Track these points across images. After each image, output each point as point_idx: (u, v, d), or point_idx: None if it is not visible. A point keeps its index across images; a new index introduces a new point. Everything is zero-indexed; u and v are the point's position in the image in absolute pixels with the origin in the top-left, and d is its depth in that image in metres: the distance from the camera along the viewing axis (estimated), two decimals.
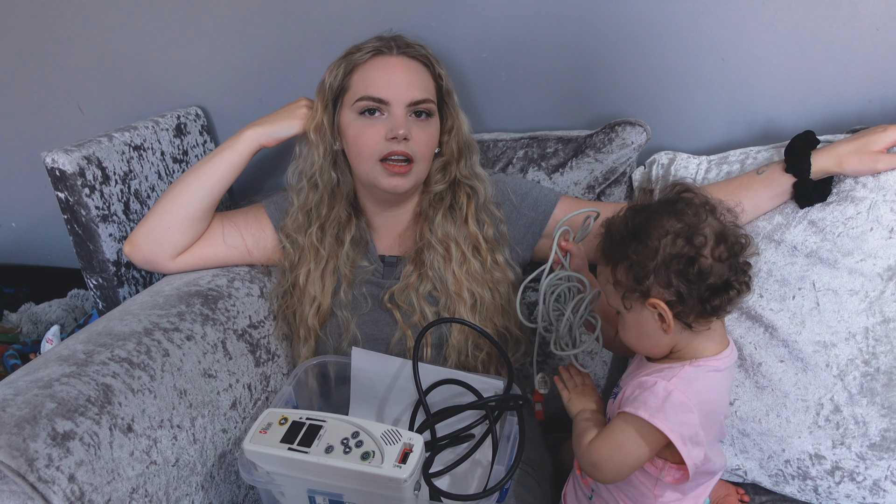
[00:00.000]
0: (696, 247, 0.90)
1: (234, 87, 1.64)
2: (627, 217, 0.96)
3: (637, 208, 0.97)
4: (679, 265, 0.90)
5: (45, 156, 1.29)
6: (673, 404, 0.90)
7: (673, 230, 0.91)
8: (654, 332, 0.95)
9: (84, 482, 0.87)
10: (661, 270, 0.90)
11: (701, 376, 0.94)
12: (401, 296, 1.24)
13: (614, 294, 0.97)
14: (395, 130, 1.15)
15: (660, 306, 0.91)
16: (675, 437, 0.89)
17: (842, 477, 1.14)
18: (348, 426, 0.92)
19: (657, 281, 0.91)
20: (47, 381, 0.94)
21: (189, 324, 1.16)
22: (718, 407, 0.97)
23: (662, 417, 0.90)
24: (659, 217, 0.93)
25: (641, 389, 0.94)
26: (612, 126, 1.36)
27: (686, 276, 0.90)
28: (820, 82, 1.31)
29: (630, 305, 0.94)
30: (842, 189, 1.15)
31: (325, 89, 1.22)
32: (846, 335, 1.12)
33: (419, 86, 1.19)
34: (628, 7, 1.34)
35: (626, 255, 0.93)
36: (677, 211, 0.93)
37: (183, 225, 1.25)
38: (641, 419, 0.91)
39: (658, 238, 0.91)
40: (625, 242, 0.93)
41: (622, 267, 0.94)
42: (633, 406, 0.92)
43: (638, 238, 0.92)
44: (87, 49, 1.70)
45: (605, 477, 0.95)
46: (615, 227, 0.96)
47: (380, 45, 1.21)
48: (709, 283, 0.90)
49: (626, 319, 0.98)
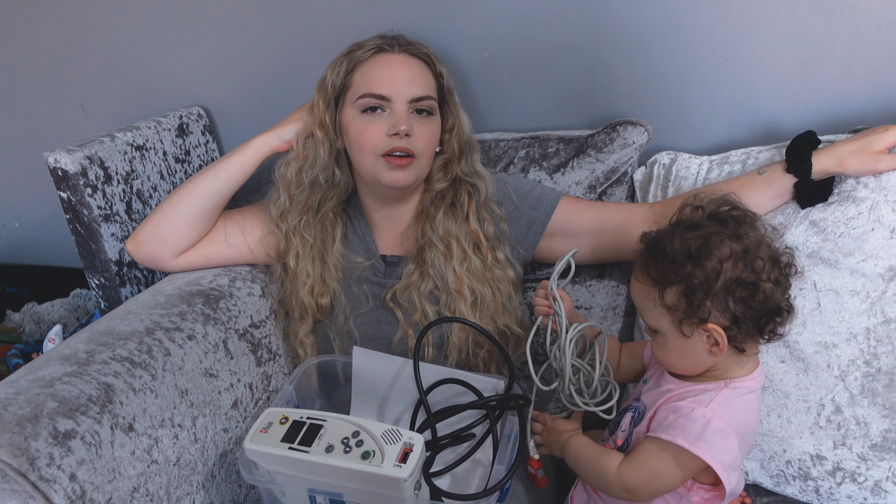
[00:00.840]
0: (756, 271, 0.88)
1: (237, 87, 1.64)
2: (681, 236, 0.91)
3: (689, 226, 0.93)
4: (743, 292, 0.88)
5: (48, 155, 1.30)
6: (713, 432, 0.89)
7: (734, 253, 0.88)
8: (700, 354, 0.92)
9: (85, 481, 0.88)
10: (720, 296, 0.88)
11: (737, 399, 0.93)
12: (403, 295, 1.24)
13: (662, 317, 0.93)
14: (396, 126, 1.15)
15: (716, 332, 0.89)
16: (717, 464, 0.88)
17: (843, 478, 1.14)
18: (349, 425, 0.92)
19: (715, 306, 0.88)
20: (49, 381, 0.95)
21: (190, 323, 1.16)
22: (752, 429, 0.97)
23: (704, 446, 0.88)
24: (720, 238, 0.89)
25: (677, 415, 0.91)
26: (613, 126, 1.36)
27: (747, 302, 0.88)
28: (822, 82, 1.31)
29: (688, 332, 0.91)
30: (843, 189, 1.15)
31: (327, 87, 1.22)
32: (847, 336, 1.12)
33: (421, 83, 1.20)
34: (630, 7, 1.34)
35: (682, 278, 0.89)
36: (736, 233, 0.90)
37: (188, 224, 1.25)
38: (680, 447, 0.89)
39: (719, 261, 0.88)
40: (681, 264, 0.89)
41: (676, 290, 0.90)
42: (671, 433, 0.90)
43: (696, 261, 0.88)
44: (90, 49, 1.71)
45: (640, 501, 0.94)
46: (670, 247, 0.91)
47: (382, 43, 1.21)
48: (767, 307, 0.89)
49: (669, 341, 0.94)
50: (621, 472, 0.94)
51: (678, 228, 0.93)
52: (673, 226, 0.95)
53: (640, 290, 0.96)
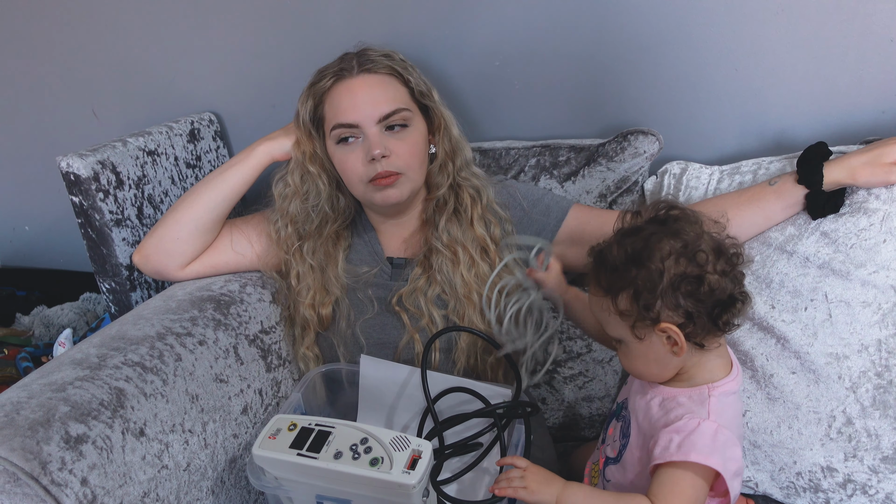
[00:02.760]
0: (700, 264, 0.88)
1: (248, 93, 1.65)
2: (622, 242, 0.92)
3: (628, 232, 0.94)
4: (688, 286, 0.88)
5: (60, 160, 1.30)
6: (722, 442, 0.89)
7: (674, 250, 0.89)
8: (663, 356, 0.92)
9: (96, 485, 0.88)
10: (668, 293, 0.88)
11: (726, 403, 0.93)
12: (409, 299, 1.24)
13: (619, 324, 0.93)
14: (370, 152, 1.15)
15: (671, 330, 0.89)
16: (728, 473, 0.88)
17: (854, 490, 1.14)
18: (357, 432, 0.92)
19: (665, 305, 0.88)
20: (61, 385, 0.95)
21: (201, 329, 1.16)
22: (742, 432, 0.97)
23: (718, 458, 0.87)
24: (658, 238, 0.90)
25: (682, 434, 0.90)
26: (624, 135, 1.36)
27: (695, 296, 0.88)
28: (833, 93, 1.30)
29: (642, 335, 0.91)
30: (855, 200, 1.15)
31: (301, 122, 1.23)
32: (859, 347, 1.12)
33: (385, 99, 1.18)
34: (641, 17, 1.34)
35: (629, 283, 0.90)
36: (674, 230, 0.91)
37: (192, 236, 1.26)
38: (696, 464, 0.88)
39: (661, 260, 0.88)
40: (625, 269, 0.90)
41: (625, 296, 0.91)
42: (683, 453, 0.88)
43: (639, 263, 0.89)
44: (102, 55, 1.72)
45: None
46: (611, 255, 0.92)
47: (341, 68, 1.20)
48: (716, 298, 0.89)
49: (632, 348, 0.94)
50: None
51: (619, 236, 0.94)
52: (615, 234, 0.96)
53: (595, 302, 0.96)
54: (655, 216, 0.95)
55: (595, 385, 1.41)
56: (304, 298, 1.27)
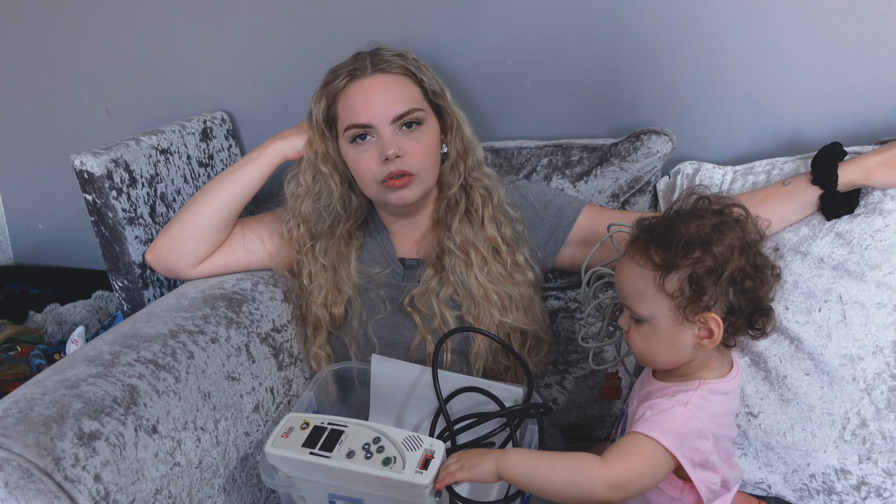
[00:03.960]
0: (758, 266, 0.89)
1: (260, 92, 1.65)
2: (687, 222, 0.90)
3: (692, 214, 0.92)
4: (749, 282, 0.87)
5: (74, 158, 1.31)
6: (690, 431, 0.88)
7: (744, 245, 0.88)
8: (686, 346, 0.92)
9: (109, 482, 0.88)
10: (725, 284, 0.87)
11: (712, 400, 0.93)
12: (421, 300, 1.24)
13: (658, 303, 0.91)
14: (384, 152, 1.15)
15: (715, 321, 0.88)
16: (686, 462, 0.87)
17: (868, 492, 1.13)
18: (370, 431, 0.92)
19: (717, 295, 0.88)
20: (74, 382, 0.95)
21: (213, 327, 1.17)
22: (726, 429, 0.96)
23: (678, 443, 0.87)
24: (729, 228, 0.89)
25: (654, 411, 0.90)
26: (637, 135, 1.35)
27: (748, 294, 0.88)
28: (848, 93, 1.30)
29: (681, 319, 0.89)
30: (870, 201, 1.14)
31: (314, 122, 1.23)
32: (873, 349, 1.11)
33: (399, 99, 1.18)
34: (654, 16, 1.33)
35: (689, 264, 0.88)
36: (742, 225, 0.90)
37: (204, 235, 1.27)
38: (656, 442, 0.87)
39: (729, 250, 0.87)
40: (690, 250, 0.88)
41: (680, 275, 0.88)
42: (648, 427, 0.88)
43: (706, 247, 0.87)
44: (115, 54, 1.73)
45: (624, 497, 0.89)
46: (683, 231, 0.89)
47: (354, 68, 1.19)
48: (762, 303, 0.89)
49: (658, 330, 0.93)
50: (610, 466, 0.87)
51: (680, 215, 0.93)
52: (676, 213, 0.94)
53: (637, 274, 0.92)
54: (721, 206, 0.93)
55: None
56: (316, 298, 1.28)
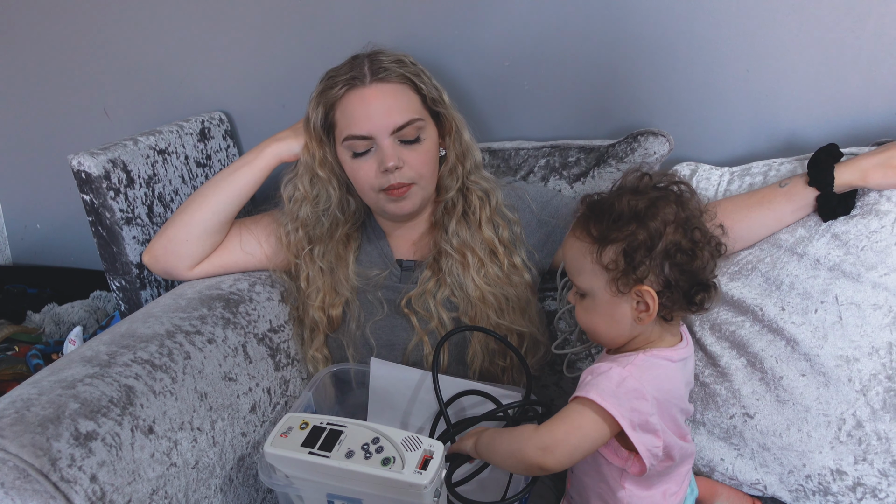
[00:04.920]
0: (695, 241, 0.90)
1: (258, 92, 1.66)
2: (624, 197, 0.92)
3: (632, 189, 0.94)
4: (682, 256, 0.89)
5: (72, 158, 1.31)
6: (627, 390, 0.89)
7: (678, 219, 0.90)
8: (625, 319, 0.93)
9: (105, 483, 0.88)
10: (658, 258, 0.89)
11: (655, 364, 0.93)
12: (418, 301, 1.24)
13: (596, 275, 0.93)
14: (384, 164, 1.15)
15: (648, 294, 0.89)
16: (625, 422, 0.87)
17: (864, 493, 1.13)
18: (369, 432, 0.92)
19: (651, 268, 0.89)
20: (71, 382, 0.95)
21: (210, 327, 1.17)
22: (673, 397, 0.95)
23: (615, 402, 0.87)
24: (665, 203, 0.91)
25: (594, 375, 0.92)
26: (634, 136, 1.35)
27: (683, 268, 0.89)
28: (845, 94, 1.30)
29: (616, 291, 0.91)
30: (866, 202, 1.14)
31: (311, 128, 1.22)
32: (869, 350, 1.11)
33: (399, 109, 1.17)
34: (651, 17, 1.34)
35: (624, 237, 0.90)
36: (681, 201, 0.92)
37: (201, 238, 1.26)
38: (594, 402, 0.88)
39: (663, 224, 0.89)
40: (625, 223, 0.90)
41: (615, 248, 0.91)
42: (585, 390, 0.90)
43: (641, 221, 0.90)
44: (114, 54, 1.73)
45: (556, 460, 0.89)
46: (617, 206, 0.92)
47: (352, 77, 1.18)
48: (699, 278, 0.90)
49: (598, 303, 0.95)
50: (539, 430, 0.91)
51: (621, 191, 0.95)
52: (618, 189, 0.96)
53: (577, 247, 0.95)
54: (661, 183, 0.96)
55: None
56: (313, 301, 1.28)
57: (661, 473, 0.97)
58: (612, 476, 0.98)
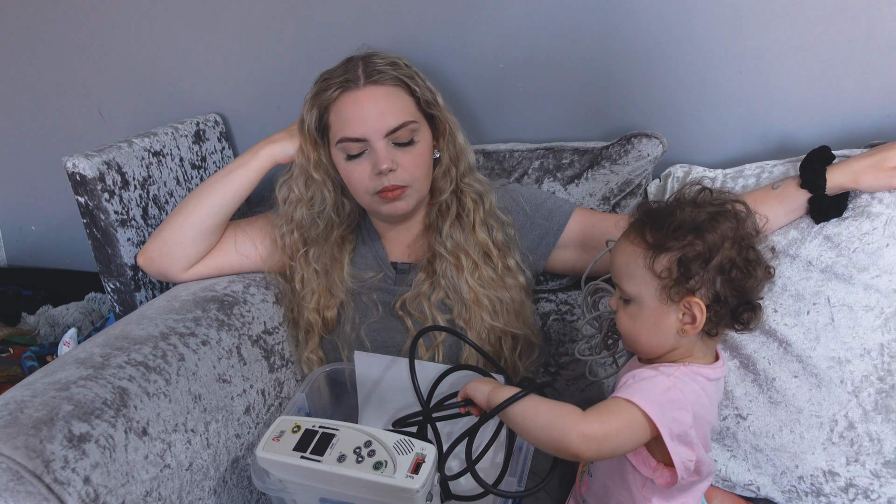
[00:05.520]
0: (749, 260, 0.90)
1: (253, 94, 1.66)
2: (684, 209, 0.92)
3: (692, 202, 0.94)
4: (737, 273, 0.89)
5: (67, 160, 1.31)
6: (671, 399, 0.89)
7: (736, 236, 0.90)
8: (669, 329, 0.92)
9: (99, 484, 0.88)
10: (712, 272, 0.89)
11: (696, 379, 0.93)
12: (412, 304, 1.24)
13: (646, 282, 0.92)
14: (378, 167, 1.15)
15: (698, 306, 0.89)
16: (665, 431, 0.87)
17: (856, 494, 1.14)
18: (361, 435, 0.92)
19: (704, 281, 0.89)
20: (64, 384, 0.95)
21: (205, 329, 1.17)
22: (707, 413, 0.95)
23: (658, 409, 0.87)
24: (725, 218, 0.91)
25: (637, 379, 0.91)
26: (628, 138, 1.36)
27: (734, 286, 0.89)
28: (837, 97, 1.30)
29: (665, 300, 0.91)
30: (858, 204, 1.15)
31: (306, 129, 1.22)
32: (861, 351, 1.12)
33: (394, 112, 1.17)
34: (645, 19, 1.34)
35: (681, 247, 0.90)
36: (738, 218, 0.92)
37: (196, 240, 1.27)
38: (636, 406, 0.87)
39: (721, 238, 0.89)
40: (682, 233, 0.90)
41: (669, 257, 0.90)
42: (629, 392, 0.88)
43: (699, 233, 0.90)
44: (108, 56, 1.73)
45: (596, 452, 0.87)
46: (678, 215, 0.91)
47: (346, 79, 1.18)
48: (748, 297, 0.90)
49: (644, 310, 0.94)
50: (588, 419, 0.86)
51: (680, 202, 0.95)
52: (677, 200, 0.96)
53: (630, 252, 0.94)
54: (723, 201, 0.95)
55: (596, 387, 1.41)
56: (308, 303, 1.28)
57: (684, 488, 0.96)
58: (636, 484, 0.98)
